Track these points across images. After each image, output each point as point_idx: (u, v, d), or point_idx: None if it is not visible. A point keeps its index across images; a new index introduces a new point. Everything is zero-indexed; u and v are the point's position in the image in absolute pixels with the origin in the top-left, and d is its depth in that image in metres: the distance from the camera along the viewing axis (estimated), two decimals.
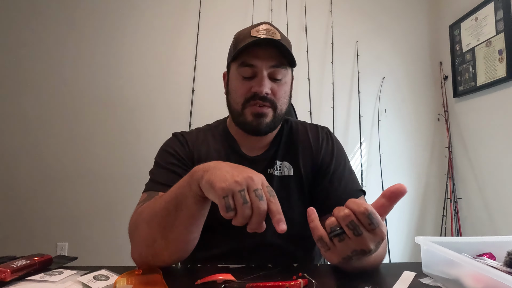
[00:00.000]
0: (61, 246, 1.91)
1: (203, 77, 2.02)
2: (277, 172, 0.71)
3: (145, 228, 0.52)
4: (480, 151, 1.88)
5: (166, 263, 0.54)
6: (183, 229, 0.50)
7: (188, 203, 0.47)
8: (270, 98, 0.65)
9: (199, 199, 0.46)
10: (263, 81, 0.63)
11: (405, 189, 0.40)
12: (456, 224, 1.94)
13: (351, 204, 0.40)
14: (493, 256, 0.52)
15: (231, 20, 2.10)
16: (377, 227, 0.38)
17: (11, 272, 0.46)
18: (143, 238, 0.53)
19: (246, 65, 0.65)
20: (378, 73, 2.18)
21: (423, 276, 0.52)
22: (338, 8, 2.17)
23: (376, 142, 2.10)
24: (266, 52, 0.64)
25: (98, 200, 1.94)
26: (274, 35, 0.64)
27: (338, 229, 0.39)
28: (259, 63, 0.64)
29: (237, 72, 0.67)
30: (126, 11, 2.06)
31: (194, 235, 0.52)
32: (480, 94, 1.87)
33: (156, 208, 0.51)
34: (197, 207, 0.47)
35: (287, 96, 0.70)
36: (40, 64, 1.99)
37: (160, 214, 0.50)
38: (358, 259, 0.40)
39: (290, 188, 0.70)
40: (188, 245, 0.53)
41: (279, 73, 0.66)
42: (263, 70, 0.64)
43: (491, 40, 1.76)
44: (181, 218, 0.48)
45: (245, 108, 0.66)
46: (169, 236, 0.50)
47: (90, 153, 1.97)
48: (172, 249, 0.52)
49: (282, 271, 0.55)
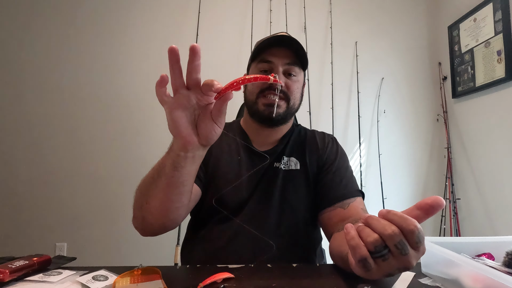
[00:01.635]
0: (60, 247, 1.90)
1: (202, 77, 2.00)
2: (284, 166, 0.76)
3: (138, 193, 0.59)
4: (479, 152, 1.88)
5: (154, 228, 0.59)
6: (163, 196, 0.54)
7: (166, 170, 0.51)
8: (284, 90, 0.72)
9: (177, 166, 0.50)
10: (279, 73, 0.71)
11: (443, 202, 0.36)
12: (455, 225, 1.94)
13: (396, 219, 0.36)
14: (492, 256, 0.52)
15: (230, 21, 2.10)
16: (422, 245, 0.36)
17: (9, 272, 0.46)
18: (135, 202, 0.59)
19: (264, 61, 0.73)
20: (377, 74, 2.18)
21: (422, 276, 0.52)
22: (337, 9, 2.18)
23: (375, 142, 2.10)
24: (282, 51, 0.73)
25: (97, 200, 1.94)
26: (290, 36, 0.74)
27: (384, 250, 0.35)
28: (275, 59, 0.73)
29: (256, 68, 0.75)
30: (126, 12, 2.06)
31: (175, 204, 0.56)
32: (479, 95, 1.88)
33: (145, 177, 0.58)
34: (173, 174, 0.50)
35: (299, 92, 0.77)
36: (40, 64, 1.99)
37: (146, 182, 0.56)
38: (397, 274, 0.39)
39: (296, 181, 0.75)
40: (170, 212, 0.56)
41: (293, 70, 0.74)
42: (279, 66, 0.72)
43: (490, 41, 1.77)
44: (161, 185, 0.53)
45: (259, 98, 0.73)
46: (151, 201, 0.55)
47: (90, 154, 1.97)
48: (156, 214, 0.56)
49: (282, 270, 0.55)
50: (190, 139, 0.47)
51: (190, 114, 0.47)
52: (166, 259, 1.81)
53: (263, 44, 0.73)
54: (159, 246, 1.84)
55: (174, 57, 0.43)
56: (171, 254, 1.72)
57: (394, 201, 2.07)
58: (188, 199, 0.58)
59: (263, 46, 0.73)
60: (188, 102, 0.45)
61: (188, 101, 0.45)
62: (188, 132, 0.47)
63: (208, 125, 0.47)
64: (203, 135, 0.48)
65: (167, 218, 0.58)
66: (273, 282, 0.49)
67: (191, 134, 0.47)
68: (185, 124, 0.46)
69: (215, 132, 0.48)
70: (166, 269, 0.52)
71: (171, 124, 0.46)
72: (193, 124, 0.47)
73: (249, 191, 0.74)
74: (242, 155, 0.77)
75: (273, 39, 0.73)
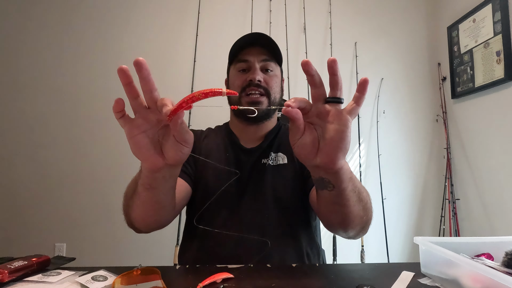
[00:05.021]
0: (59, 247, 1.90)
1: (202, 77, 2.02)
2: (272, 162, 0.78)
3: (124, 201, 0.61)
4: (478, 152, 1.88)
5: (143, 230, 0.62)
6: (141, 212, 0.56)
7: (139, 190, 0.52)
8: (263, 85, 0.76)
9: (147, 187, 0.51)
10: (256, 70, 0.76)
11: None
12: (455, 225, 1.94)
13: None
14: (491, 257, 0.52)
15: (230, 21, 2.10)
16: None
17: (8, 273, 0.46)
18: (123, 208, 0.62)
19: (241, 61, 0.77)
20: (377, 74, 2.19)
21: (421, 276, 0.52)
22: (337, 9, 2.18)
23: (374, 143, 2.10)
24: (257, 49, 0.77)
25: (96, 200, 1.94)
26: (261, 33, 0.78)
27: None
28: (251, 58, 0.77)
29: (234, 69, 0.79)
30: (125, 13, 2.06)
31: (154, 218, 0.59)
32: (478, 95, 1.88)
33: (128, 186, 0.60)
34: (146, 194, 0.52)
35: (279, 86, 0.80)
36: (38, 65, 1.98)
37: (128, 193, 0.58)
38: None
39: (284, 175, 0.77)
40: (152, 222, 0.60)
41: (270, 65, 0.78)
42: (255, 63, 0.76)
43: (489, 41, 1.77)
44: (137, 202, 0.55)
45: (242, 97, 0.76)
46: (132, 213, 0.58)
47: (89, 154, 1.97)
48: (140, 222, 0.59)
49: (281, 270, 0.55)
50: (154, 160, 0.45)
51: (153, 135, 0.44)
52: (165, 259, 1.81)
53: (237, 45, 0.77)
54: (159, 246, 1.84)
55: (125, 78, 0.40)
56: (171, 254, 1.72)
57: (394, 201, 2.08)
58: (170, 210, 0.61)
59: (238, 47, 0.77)
60: (148, 123, 0.43)
61: (148, 122, 0.43)
62: (150, 153, 0.44)
63: (173, 145, 0.44)
64: (169, 156, 0.45)
65: (153, 224, 0.61)
66: (272, 282, 0.49)
67: (154, 155, 0.45)
68: (147, 146, 0.44)
69: (182, 152, 0.45)
70: (165, 269, 0.53)
71: (132, 147, 0.44)
72: (156, 144, 0.45)
73: (241, 190, 0.74)
74: (229, 153, 0.79)
75: (247, 38, 0.77)
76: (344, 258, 1.92)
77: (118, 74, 0.40)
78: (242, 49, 0.78)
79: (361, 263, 1.82)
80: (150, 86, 0.41)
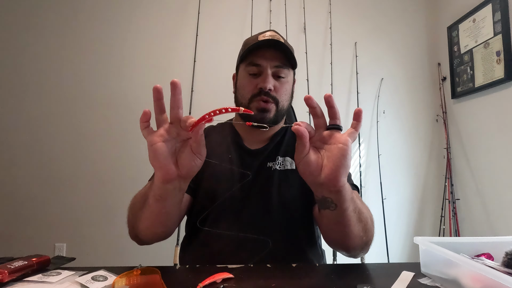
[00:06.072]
0: (59, 247, 1.90)
1: (202, 77, 2.02)
2: (279, 167, 0.76)
3: (129, 214, 0.64)
4: (478, 152, 1.88)
5: (147, 242, 0.65)
6: (149, 224, 0.59)
7: (150, 202, 0.55)
8: (272, 94, 0.72)
9: (158, 199, 0.54)
10: (268, 78, 0.72)
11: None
12: (455, 225, 1.94)
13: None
14: (491, 257, 0.52)
15: (230, 21, 2.10)
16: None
17: (8, 273, 0.46)
18: (128, 221, 0.65)
19: (253, 65, 0.73)
20: (377, 74, 2.19)
21: (421, 276, 0.52)
22: (337, 9, 2.18)
23: (374, 143, 2.10)
24: (271, 53, 0.73)
25: (96, 200, 1.94)
26: (278, 40, 0.73)
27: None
28: (264, 62, 0.72)
29: (245, 71, 0.75)
30: (126, 14, 2.06)
31: (162, 229, 0.62)
32: (478, 95, 1.88)
33: (134, 198, 0.63)
34: (156, 205, 0.55)
35: (289, 93, 0.77)
36: (41, 65, 1.98)
37: (136, 206, 0.61)
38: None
39: (292, 181, 0.74)
40: (159, 234, 0.63)
41: (282, 72, 0.74)
42: (267, 69, 0.72)
43: (489, 41, 1.77)
44: (146, 214, 0.58)
45: (252, 102, 0.73)
46: (139, 225, 0.61)
47: (89, 154, 1.96)
48: (146, 235, 0.62)
49: (281, 270, 0.55)
50: (168, 169, 0.49)
51: (171, 146, 0.49)
52: (165, 259, 1.81)
53: (252, 47, 0.72)
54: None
55: (157, 95, 0.48)
56: (171, 254, 1.72)
57: (394, 201, 2.08)
58: (176, 222, 0.65)
59: (252, 48, 0.73)
60: (169, 134, 0.49)
61: (169, 134, 0.49)
62: (166, 162, 0.49)
63: (188, 156, 0.50)
64: (183, 166, 0.50)
65: (161, 234, 0.64)
66: (272, 282, 0.49)
67: (170, 164, 0.49)
68: (165, 154, 0.48)
69: (195, 163, 0.51)
70: (165, 269, 0.52)
71: (151, 154, 0.48)
72: (173, 155, 0.50)
73: (245, 192, 0.73)
74: (232, 154, 0.77)
75: (262, 42, 0.72)
76: (344, 258, 1.91)
77: (152, 91, 0.47)
78: (256, 48, 0.73)
79: (361, 263, 1.82)
80: (178, 104, 0.48)
